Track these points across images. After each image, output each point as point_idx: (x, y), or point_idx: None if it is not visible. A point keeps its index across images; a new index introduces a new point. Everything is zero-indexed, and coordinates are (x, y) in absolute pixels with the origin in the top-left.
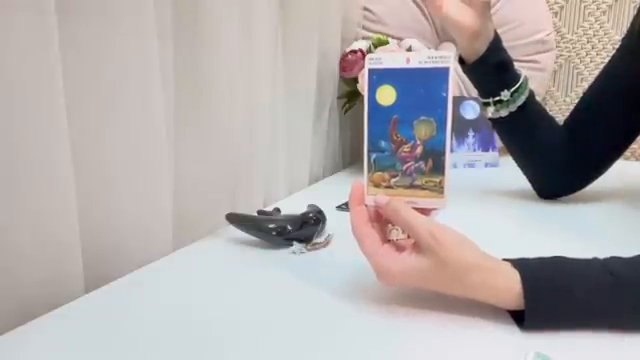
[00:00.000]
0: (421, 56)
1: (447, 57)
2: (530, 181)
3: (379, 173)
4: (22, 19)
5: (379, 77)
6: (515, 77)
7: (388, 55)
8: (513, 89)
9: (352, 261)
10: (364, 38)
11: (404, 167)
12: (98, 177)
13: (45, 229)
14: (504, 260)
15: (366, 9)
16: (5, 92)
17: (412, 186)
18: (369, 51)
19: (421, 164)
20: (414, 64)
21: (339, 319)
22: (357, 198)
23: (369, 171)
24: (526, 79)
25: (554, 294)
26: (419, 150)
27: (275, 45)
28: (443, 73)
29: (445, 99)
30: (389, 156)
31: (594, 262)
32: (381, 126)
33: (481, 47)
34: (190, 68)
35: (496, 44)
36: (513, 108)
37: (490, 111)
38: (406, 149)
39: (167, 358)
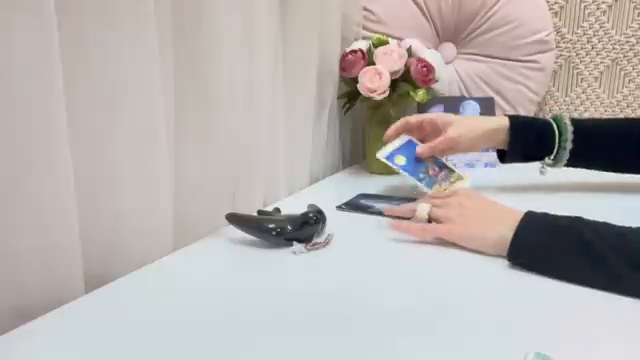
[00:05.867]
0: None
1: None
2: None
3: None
4: (22, 19)
5: (392, 155)
6: (549, 139)
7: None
8: (553, 155)
9: (352, 261)
10: (364, 38)
11: (439, 179)
12: (98, 177)
13: (45, 229)
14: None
15: (366, 9)
16: (5, 92)
17: (450, 184)
18: (369, 51)
19: (443, 174)
20: (405, 140)
21: (339, 319)
22: (408, 212)
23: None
24: (560, 131)
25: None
26: (438, 170)
27: (275, 45)
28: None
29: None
30: (428, 179)
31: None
32: (414, 171)
33: (503, 140)
34: (190, 67)
35: (516, 128)
36: (565, 159)
37: (548, 171)
38: (431, 172)
39: (167, 358)
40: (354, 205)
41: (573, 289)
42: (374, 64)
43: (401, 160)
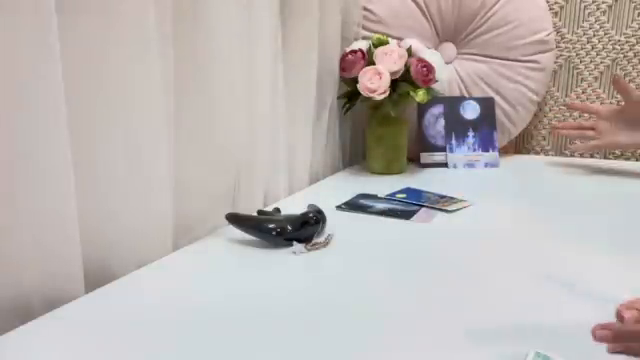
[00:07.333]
0: None
1: None
2: None
3: None
4: (22, 19)
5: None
6: None
7: None
8: None
9: (352, 261)
10: (364, 38)
11: (442, 202)
12: (98, 177)
13: (45, 229)
14: None
15: (366, 9)
16: (5, 92)
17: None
18: (369, 51)
19: (444, 200)
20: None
21: (339, 319)
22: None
23: None
24: None
25: None
26: (439, 198)
27: (275, 45)
28: None
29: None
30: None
31: None
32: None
33: None
34: (190, 67)
35: None
36: None
37: None
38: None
39: (167, 358)
40: (354, 205)
41: (573, 289)
42: (374, 64)
43: (401, 196)
